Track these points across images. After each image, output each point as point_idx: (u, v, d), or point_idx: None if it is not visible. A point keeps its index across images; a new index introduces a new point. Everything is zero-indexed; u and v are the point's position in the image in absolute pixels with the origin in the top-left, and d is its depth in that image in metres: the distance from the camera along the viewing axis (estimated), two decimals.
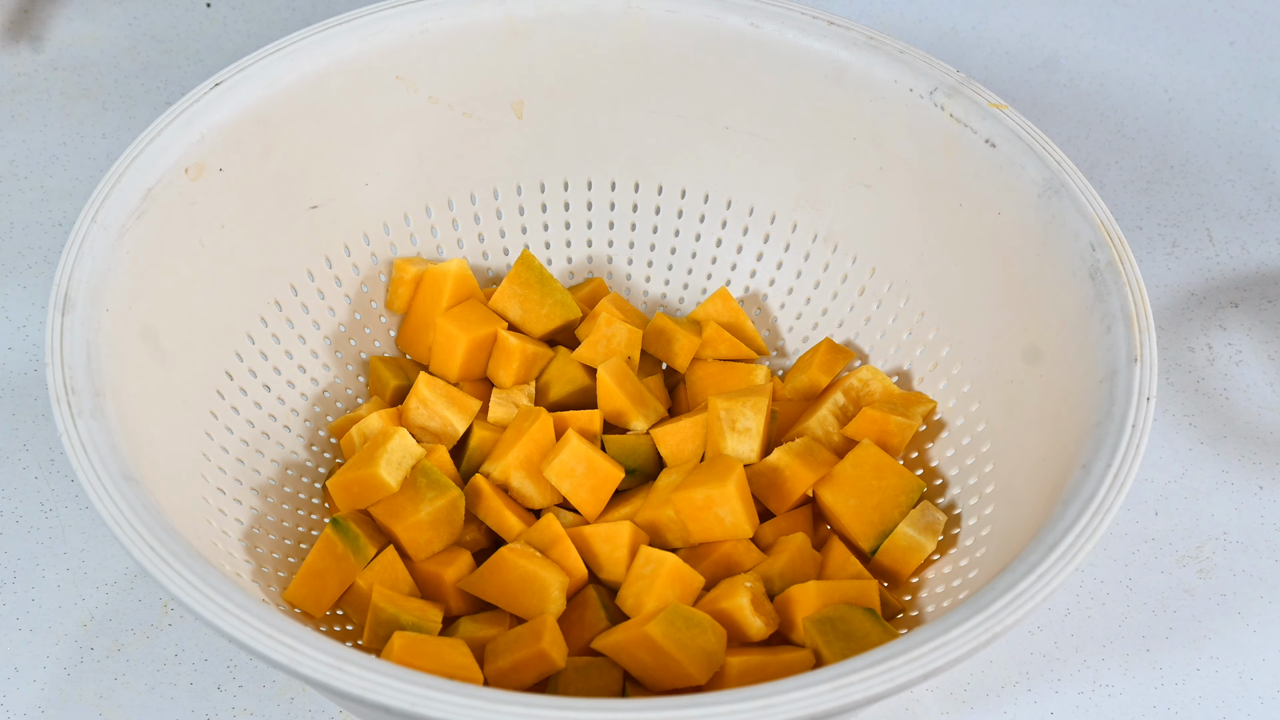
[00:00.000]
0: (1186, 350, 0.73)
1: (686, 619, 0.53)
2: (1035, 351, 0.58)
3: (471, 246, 0.68)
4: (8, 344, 0.70)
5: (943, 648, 0.45)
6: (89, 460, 0.48)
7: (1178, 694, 0.61)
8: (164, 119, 0.58)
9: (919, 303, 0.64)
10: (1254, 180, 0.82)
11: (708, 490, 0.57)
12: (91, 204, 0.55)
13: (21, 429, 0.67)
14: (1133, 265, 0.56)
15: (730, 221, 0.69)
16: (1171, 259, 0.77)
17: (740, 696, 0.43)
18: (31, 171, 0.78)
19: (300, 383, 0.64)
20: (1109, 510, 0.48)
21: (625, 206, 0.69)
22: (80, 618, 0.61)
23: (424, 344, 0.65)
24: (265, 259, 0.62)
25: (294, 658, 0.44)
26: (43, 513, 0.64)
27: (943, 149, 0.62)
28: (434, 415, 0.61)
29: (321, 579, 0.57)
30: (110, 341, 0.53)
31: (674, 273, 0.70)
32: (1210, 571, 0.65)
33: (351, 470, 0.58)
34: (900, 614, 0.58)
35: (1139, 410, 0.51)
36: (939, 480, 0.62)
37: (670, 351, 0.65)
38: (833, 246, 0.67)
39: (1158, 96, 0.86)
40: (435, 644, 0.53)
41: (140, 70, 0.84)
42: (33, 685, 0.59)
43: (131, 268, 0.55)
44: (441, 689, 0.43)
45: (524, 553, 0.57)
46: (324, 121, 0.62)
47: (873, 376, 0.63)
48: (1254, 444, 0.70)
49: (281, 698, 0.59)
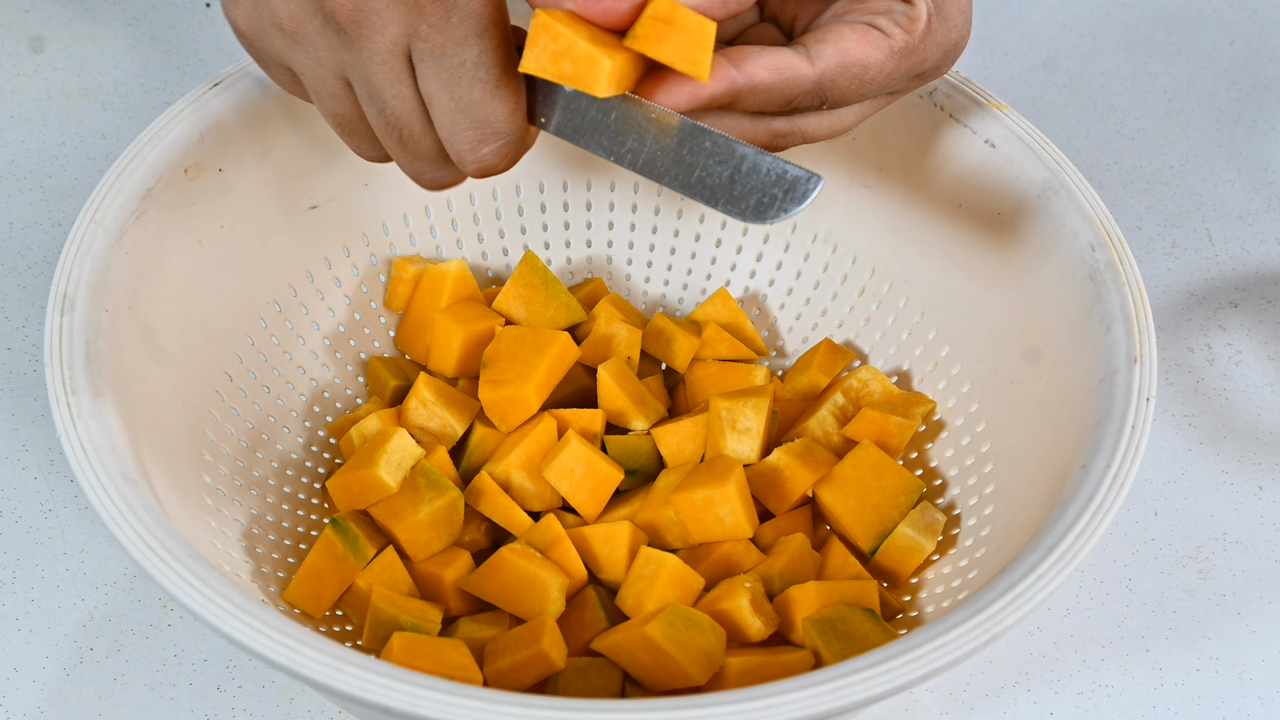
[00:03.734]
0: (1186, 350, 0.73)
1: (686, 619, 0.53)
2: (1035, 352, 0.58)
3: (471, 247, 0.68)
4: (7, 344, 0.70)
5: (942, 648, 0.45)
6: (88, 460, 0.48)
7: (1177, 694, 0.61)
8: (164, 119, 0.58)
9: (918, 303, 0.64)
10: (1254, 180, 0.82)
11: (707, 490, 0.57)
12: (91, 204, 0.55)
13: (21, 429, 0.67)
14: (1132, 265, 0.56)
15: (730, 221, 0.69)
16: (1171, 259, 0.77)
17: (740, 697, 0.43)
18: (31, 171, 0.78)
19: (299, 383, 0.64)
20: (1108, 511, 0.48)
21: (625, 206, 0.69)
22: (80, 618, 0.61)
23: (422, 344, 0.65)
24: (265, 259, 0.62)
25: (293, 658, 0.44)
26: (42, 513, 0.64)
27: (943, 149, 0.61)
28: (433, 416, 0.61)
29: (321, 579, 0.57)
30: (110, 342, 0.53)
31: (674, 273, 0.70)
32: (1210, 572, 0.65)
33: (351, 470, 0.58)
34: (900, 614, 0.58)
35: (1138, 410, 0.51)
36: (939, 480, 0.62)
37: (670, 352, 0.65)
38: (832, 246, 0.67)
39: (1158, 96, 0.86)
40: (435, 644, 0.53)
41: (140, 70, 0.84)
42: (32, 685, 0.59)
43: (131, 268, 0.55)
44: (440, 689, 0.43)
45: (524, 553, 0.57)
46: (323, 121, 0.62)
47: (872, 377, 0.63)
48: (1253, 444, 0.70)
49: (281, 698, 0.59)
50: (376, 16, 0.47)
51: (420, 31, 0.47)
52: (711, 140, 0.47)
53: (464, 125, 0.49)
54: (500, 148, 0.50)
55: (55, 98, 0.82)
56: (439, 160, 0.51)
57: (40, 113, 0.81)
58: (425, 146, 0.51)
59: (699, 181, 0.48)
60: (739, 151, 0.47)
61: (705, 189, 0.48)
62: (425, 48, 0.47)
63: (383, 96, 0.49)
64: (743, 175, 0.47)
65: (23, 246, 0.74)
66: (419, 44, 0.47)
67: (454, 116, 0.49)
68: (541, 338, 0.61)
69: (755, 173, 0.47)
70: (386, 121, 0.50)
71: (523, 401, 0.60)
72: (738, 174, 0.47)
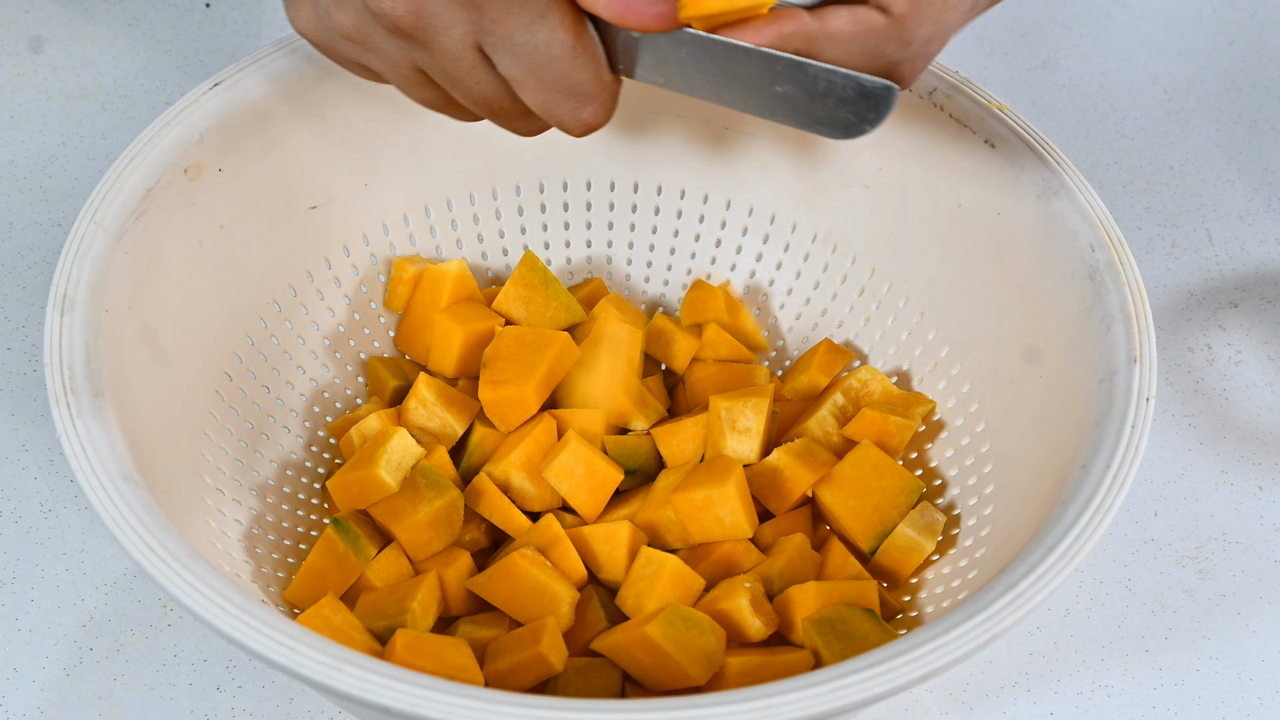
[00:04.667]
0: (1186, 350, 0.73)
1: (686, 620, 0.53)
2: (1035, 352, 0.58)
3: (471, 247, 0.68)
4: (7, 344, 0.70)
5: (942, 648, 0.45)
6: (88, 461, 0.48)
7: (1177, 694, 0.61)
8: (164, 119, 0.58)
9: (918, 303, 0.64)
10: (1254, 180, 0.82)
11: (707, 491, 0.57)
12: (91, 204, 0.55)
13: (21, 429, 0.67)
14: (1132, 266, 0.56)
15: (730, 222, 0.69)
16: (1171, 259, 0.77)
17: (739, 697, 0.43)
18: (31, 171, 0.78)
19: (299, 383, 0.64)
20: (1108, 511, 0.48)
21: (625, 206, 0.69)
22: (79, 618, 0.61)
23: (422, 344, 0.65)
24: (264, 259, 0.62)
25: (293, 658, 0.44)
26: (42, 513, 0.64)
27: (942, 149, 0.61)
28: (433, 416, 0.61)
29: (322, 579, 0.57)
30: (110, 342, 0.53)
31: (674, 273, 0.70)
32: (1210, 572, 0.65)
33: (351, 470, 0.58)
34: (899, 614, 0.58)
35: (1138, 411, 0.51)
36: (938, 480, 0.62)
37: (669, 353, 0.65)
38: (832, 247, 0.67)
39: (1158, 96, 0.86)
40: (437, 644, 0.53)
41: (140, 70, 0.84)
42: (32, 686, 0.59)
43: (131, 268, 0.55)
44: (440, 689, 0.43)
45: (535, 560, 0.56)
46: (324, 121, 0.62)
47: (872, 377, 0.63)
48: (1253, 444, 0.70)
49: (281, 698, 0.59)
50: (439, 20, 0.47)
51: (485, 26, 0.47)
52: (783, 63, 0.47)
53: (557, 99, 0.50)
54: (597, 108, 0.51)
55: (55, 98, 0.82)
56: (534, 119, 0.53)
57: (40, 113, 0.81)
58: (520, 112, 0.52)
59: (778, 101, 0.48)
60: (811, 70, 0.47)
61: (785, 109, 0.48)
62: (494, 40, 0.48)
63: (465, 84, 0.50)
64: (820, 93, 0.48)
65: (23, 246, 0.74)
66: (487, 38, 0.48)
67: (544, 94, 0.49)
68: (541, 338, 0.61)
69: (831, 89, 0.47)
70: (475, 103, 0.51)
71: (523, 401, 0.60)
72: (815, 92, 0.48)
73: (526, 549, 0.57)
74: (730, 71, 0.48)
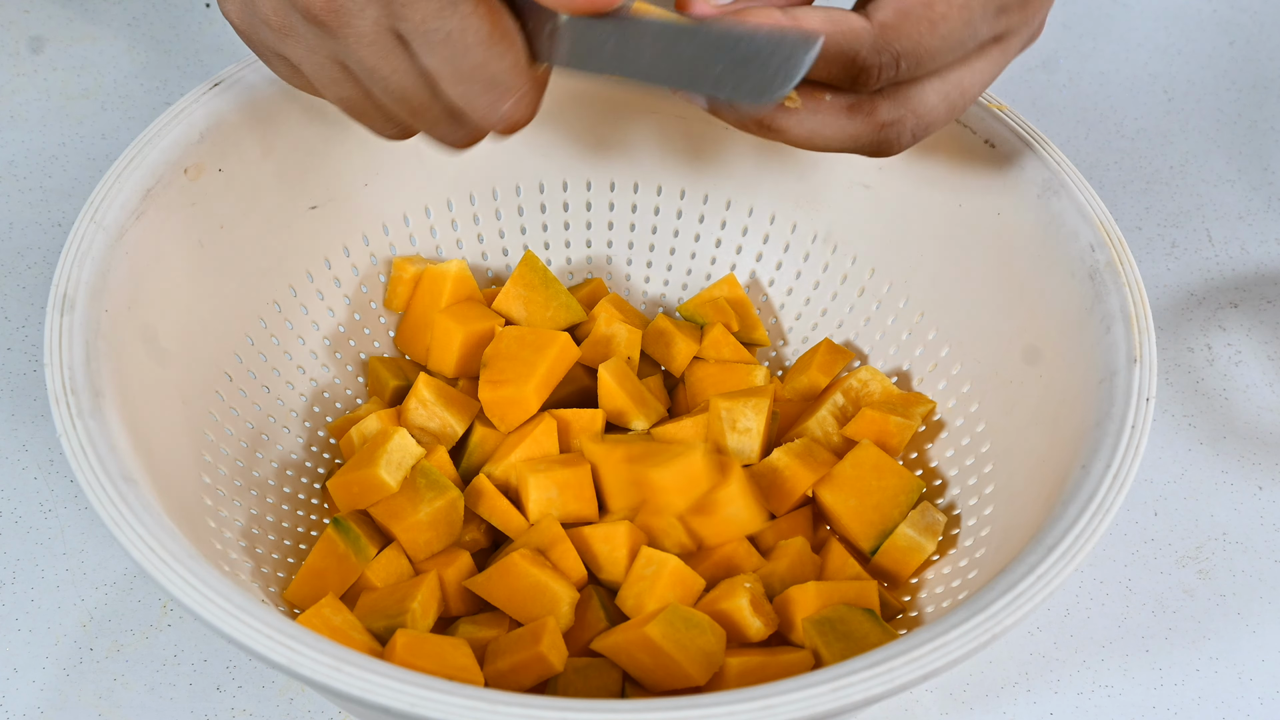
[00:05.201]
0: (1186, 351, 0.73)
1: (686, 620, 0.53)
2: (1035, 352, 0.58)
3: (471, 247, 0.68)
4: (7, 344, 0.70)
5: (942, 648, 0.45)
6: (88, 461, 0.48)
7: (1177, 694, 0.61)
8: (164, 119, 0.58)
9: (918, 303, 0.64)
10: (1254, 180, 0.82)
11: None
12: (91, 204, 0.55)
13: (21, 429, 0.67)
14: (1132, 266, 0.56)
15: (730, 222, 0.69)
16: (1171, 259, 0.77)
17: (739, 697, 0.43)
18: (31, 171, 0.78)
19: (299, 383, 0.64)
20: (1108, 511, 0.48)
21: (625, 206, 0.69)
22: (79, 618, 0.61)
23: (422, 344, 0.65)
24: (264, 259, 0.62)
25: (293, 658, 0.44)
26: (42, 513, 0.64)
27: (942, 149, 0.61)
28: (433, 416, 0.61)
29: (322, 579, 0.57)
30: (110, 342, 0.53)
31: (674, 273, 0.70)
32: (1210, 572, 0.65)
33: (351, 470, 0.58)
34: (900, 614, 0.58)
35: (1138, 411, 0.51)
36: (939, 480, 0.62)
37: (669, 354, 0.65)
38: (832, 247, 0.67)
39: (1158, 96, 0.86)
40: (437, 644, 0.53)
41: (140, 70, 0.84)
42: (32, 686, 0.59)
43: (131, 268, 0.55)
44: (440, 689, 0.43)
45: (535, 560, 0.56)
46: (324, 121, 0.62)
47: (872, 377, 0.63)
48: (1253, 444, 0.70)
49: (281, 698, 0.59)
50: (351, 3, 0.46)
51: (396, 11, 0.46)
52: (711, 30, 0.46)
53: (474, 91, 0.48)
54: (517, 101, 0.49)
55: (55, 98, 0.82)
56: (457, 120, 0.51)
57: (40, 113, 0.81)
58: (438, 111, 0.50)
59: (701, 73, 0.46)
60: (736, 32, 0.45)
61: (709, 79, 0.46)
62: (408, 27, 0.47)
63: (381, 75, 0.49)
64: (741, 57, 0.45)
65: (23, 246, 0.74)
66: (402, 24, 0.47)
67: (461, 85, 0.48)
68: (541, 338, 0.61)
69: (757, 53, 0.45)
70: (393, 97, 0.50)
71: (523, 402, 0.60)
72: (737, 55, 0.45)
73: (527, 549, 0.57)
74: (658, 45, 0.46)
